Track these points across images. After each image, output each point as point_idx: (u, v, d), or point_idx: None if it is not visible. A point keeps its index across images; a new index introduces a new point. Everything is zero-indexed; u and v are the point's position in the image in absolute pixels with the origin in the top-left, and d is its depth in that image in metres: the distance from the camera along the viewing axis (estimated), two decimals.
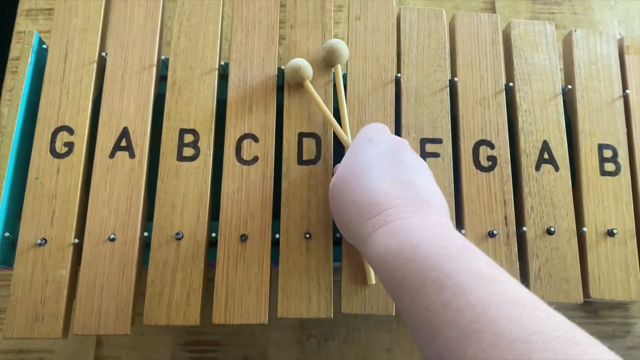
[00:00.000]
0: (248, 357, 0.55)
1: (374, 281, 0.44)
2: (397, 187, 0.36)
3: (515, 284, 0.30)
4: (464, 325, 0.27)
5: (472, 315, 0.27)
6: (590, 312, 0.58)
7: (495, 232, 0.46)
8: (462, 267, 0.30)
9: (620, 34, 0.71)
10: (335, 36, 0.61)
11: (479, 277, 0.29)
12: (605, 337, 0.57)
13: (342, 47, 0.49)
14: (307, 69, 0.48)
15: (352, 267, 0.45)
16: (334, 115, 0.48)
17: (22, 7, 0.69)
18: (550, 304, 0.29)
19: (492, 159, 0.49)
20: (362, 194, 0.37)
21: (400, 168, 0.38)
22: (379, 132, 0.43)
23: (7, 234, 0.45)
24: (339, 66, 0.49)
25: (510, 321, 0.27)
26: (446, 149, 0.49)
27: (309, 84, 0.48)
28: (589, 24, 0.72)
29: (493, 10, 0.72)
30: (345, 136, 0.47)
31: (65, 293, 0.43)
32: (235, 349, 0.55)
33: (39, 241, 0.44)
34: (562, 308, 0.56)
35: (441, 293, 0.29)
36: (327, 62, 0.50)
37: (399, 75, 0.50)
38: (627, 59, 0.53)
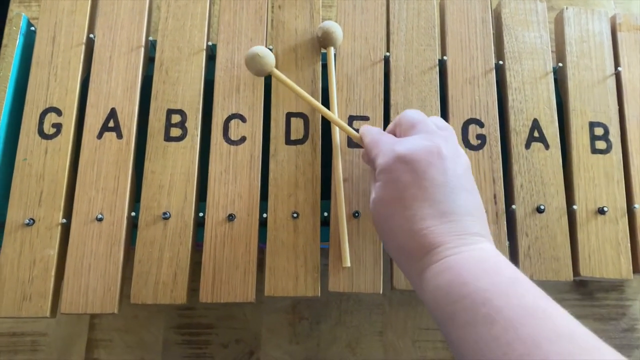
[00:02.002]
0: (240, 340, 0.55)
1: (349, 264, 0.44)
2: (439, 223, 0.35)
3: (565, 317, 0.30)
4: (515, 359, 0.28)
5: (523, 349, 0.28)
6: (585, 294, 0.58)
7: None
8: (512, 302, 0.30)
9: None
10: (324, 17, 0.61)
11: (529, 311, 0.30)
12: (600, 320, 0.56)
13: (338, 30, 0.48)
14: (269, 57, 0.46)
15: (339, 247, 0.45)
16: (322, 95, 0.48)
17: None
18: (541, 282, 0.29)
19: (482, 137, 0.48)
20: (405, 238, 0.36)
21: (440, 195, 0.36)
22: (415, 145, 0.38)
23: None
24: (332, 49, 0.49)
25: (561, 356, 0.27)
26: None
27: (276, 72, 0.46)
28: (585, 4, 0.71)
29: None
30: (331, 114, 0.46)
31: (53, 272, 0.44)
32: (228, 332, 0.55)
33: (26, 221, 0.44)
34: (557, 290, 0.57)
35: (492, 328, 0.30)
36: (320, 43, 0.49)
37: (388, 54, 0.50)
38: (620, 36, 0.52)
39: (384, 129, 0.45)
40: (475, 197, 0.38)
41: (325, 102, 0.48)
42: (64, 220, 0.45)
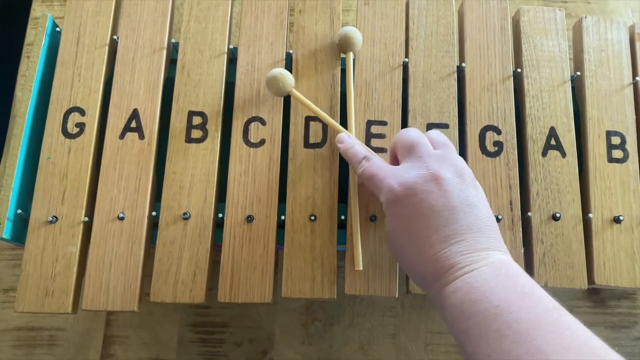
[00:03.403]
0: (254, 339, 0.56)
1: (361, 267, 0.45)
2: (446, 246, 0.36)
3: (575, 327, 0.31)
4: None
5: None
6: (597, 302, 0.58)
7: (500, 216, 0.46)
8: (522, 316, 0.32)
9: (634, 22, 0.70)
10: (344, 22, 0.61)
11: (538, 325, 0.31)
12: (612, 327, 0.57)
13: (357, 36, 0.49)
14: (288, 79, 0.47)
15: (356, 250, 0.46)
16: (341, 99, 0.48)
17: None
18: (555, 289, 0.30)
19: (499, 144, 0.49)
20: (420, 266, 0.38)
21: (442, 219, 0.37)
22: (420, 172, 0.39)
23: (19, 212, 0.46)
24: (350, 54, 0.49)
25: None
26: (453, 133, 0.49)
27: (295, 92, 0.48)
28: (602, 13, 0.71)
29: None
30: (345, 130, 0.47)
31: (75, 269, 0.45)
32: (242, 331, 0.56)
33: (50, 219, 0.45)
34: (570, 297, 0.57)
35: (502, 342, 0.31)
36: (339, 48, 0.50)
37: (406, 60, 0.50)
38: (638, 46, 0.52)
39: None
40: (480, 209, 0.38)
41: (344, 106, 0.48)
42: (86, 219, 0.46)
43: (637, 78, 0.51)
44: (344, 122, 0.48)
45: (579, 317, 0.32)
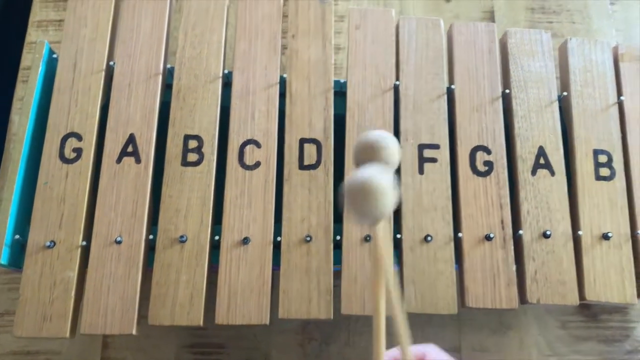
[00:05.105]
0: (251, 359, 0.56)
1: None
2: None
3: None
4: None
5: None
6: (589, 316, 0.58)
7: (492, 235, 0.47)
8: None
9: (617, 43, 0.72)
10: (337, 46, 0.63)
11: None
12: (604, 341, 0.57)
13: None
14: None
15: (352, 270, 0.46)
16: (335, 122, 0.50)
17: (33, 18, 0.71)
18: (547, 305, 0.29)
19: (489, 164, 0.50)
20: None
21: None
22: None
23: (17, 237, 0.47)
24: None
25: None
26: (444, 154, 0.50)
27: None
28: (587, 32, 0.73)
29: (492, 19, 0.73)
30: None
31: (72, 294, 0.45)
32: (239, 352, 0.56)
33: (47, 243, 0.45)
34: (562, 312, 0.58)
35: None
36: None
37: (397, 83, 0.52)
38: (622, 66, 0.54)
39: None
40: None
41: (337, 129, 0.49)
42: (84, 243, 0.46)
43: (622, 97, 0.52)
44: (338, 144, 0.49)
45: (571, 331, 0.32)
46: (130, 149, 0.49)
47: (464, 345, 0.57)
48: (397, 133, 0.50)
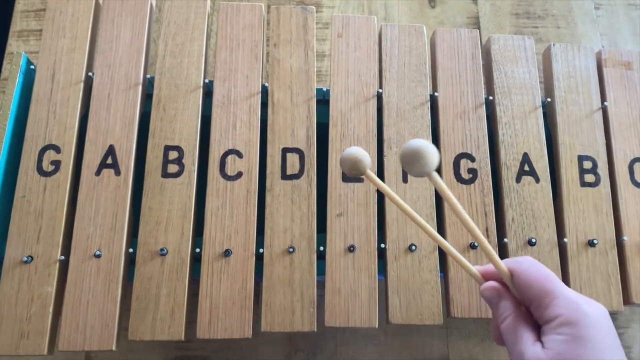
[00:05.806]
0: None
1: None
2: None
3: None
4: None
5: None
6: None
7: (476, 244, 0.47)
8: None
9: (603, 47, 0.72)
10: (322, 53, 0.62)
11: None
12: None
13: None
14: (366, 159, 0.37)
15: (335, 281, 0.46)
16: (318, 131, 0.49)
17: (14, 28, 0.70)
18: None
19: (473, 171, 0.49)
20: None
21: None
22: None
23: None
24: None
25: None
26: None
27: (370, 173, 0.37)
28: (572, 37, 0.73)
29: (477, 24, 0.73)
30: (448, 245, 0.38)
31: (50, 310, 0.44)
32: None
33: (25, 258, 0.45)
34: None
35: None
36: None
37: (380, 90, 0.51)
38: (605, 71, 0.53)
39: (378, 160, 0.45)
40: None
41: (320, 137, 0.49)
42: (62, 257, 0.45)
43: (606, 103, 0.52)
44: (321, 153, 0.48)
45: None
46: (109, 160, 0.48)
47: (452, 355, 0.57)
48: (380, 141, 0.50)
